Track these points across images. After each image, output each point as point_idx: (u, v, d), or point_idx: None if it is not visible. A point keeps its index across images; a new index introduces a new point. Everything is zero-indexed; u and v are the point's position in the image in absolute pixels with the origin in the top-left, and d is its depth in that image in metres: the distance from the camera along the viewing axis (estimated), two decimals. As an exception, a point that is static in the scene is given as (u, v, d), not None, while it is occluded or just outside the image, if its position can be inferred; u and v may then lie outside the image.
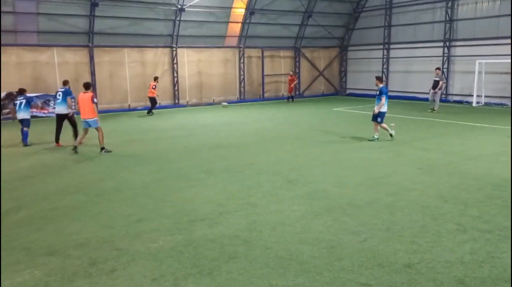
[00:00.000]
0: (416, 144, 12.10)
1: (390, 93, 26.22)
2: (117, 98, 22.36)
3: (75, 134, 12.88)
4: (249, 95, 26.83)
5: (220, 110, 22.36)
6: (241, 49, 25.97)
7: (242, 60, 26.14)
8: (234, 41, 25.86)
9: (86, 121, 11.49)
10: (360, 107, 21.79)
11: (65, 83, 13.41)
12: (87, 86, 11.59)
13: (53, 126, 13.17)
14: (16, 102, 13.56)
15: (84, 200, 7.55)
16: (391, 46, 26.54)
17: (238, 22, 25.19)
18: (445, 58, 23.49)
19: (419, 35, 24.89)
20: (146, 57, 23.01)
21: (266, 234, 5.85)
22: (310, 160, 10.31)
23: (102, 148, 11.52)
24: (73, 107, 13.49)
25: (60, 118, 12.83)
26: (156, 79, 20.66)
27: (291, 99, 25.81)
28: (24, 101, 13.37)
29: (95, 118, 11.46)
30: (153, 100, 20.42)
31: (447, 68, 23.49)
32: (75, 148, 11.63)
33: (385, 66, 26.82)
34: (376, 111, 12.41)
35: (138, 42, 22.52)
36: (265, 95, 27.35)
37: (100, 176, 9.18)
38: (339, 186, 8.09)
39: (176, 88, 24.04)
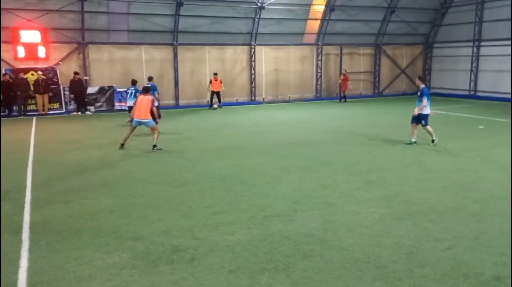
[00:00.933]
0: (507, 149, 11.17)
1: (479, 93, 24.72)
2: (196, 94, 23.20)
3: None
4: (325, 93, 26.48)
5: (295, 107, 22.32)
6: (319, 46, 25.68)
7: (319, 58, 25.86)
8: (312, 38, 25.64)
9: (140, 121, 11.61)
10: (445, 108, 20.56)
11: (150, 79, 14.68)
12: (147, 90, 11.91)
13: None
14: (127, 91, 15.79)
15: (166, 190, 7.95)
16: (482, 43, 24.70)
17: (317, 19, 24.93)
18: (545, 56, 21.40)
19: (515, 31, 22.88)
20: (225, 55, 23.62)
21: (342, 235, 5.76)
22: (389, 162, 9.95)
23: (154, 146, 11.51)
24: (159, 101, 14.85)
25: None
26: (215, 74, 21.54)
27: (343, 100, 24.46)
28: (134, 91, 15.16)
29: (151, 119, 11.69)
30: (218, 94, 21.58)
31: (547, 67, 21.38)
32: (122, 145, 11.73)
33: (474, 65, 25.05)
34: (416, 112, 11.67)
35: (218, 40, 23.17)
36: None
37: (181, 168, 9.60)
38: (421, 190, 7.72)
39: (253, 85, 24.40)
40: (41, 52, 19.32)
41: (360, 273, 4.69)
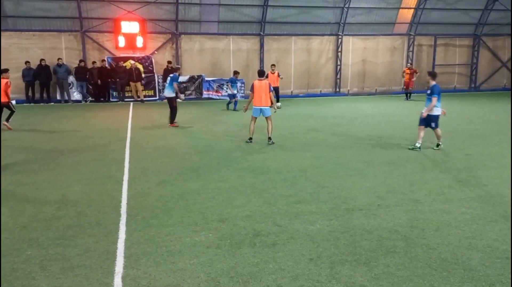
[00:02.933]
0: None
1: None
2: (280, 85, 23.29)
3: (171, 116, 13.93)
4: (416, 86, 25.19)
5: (382, 100, 21.57)
6: (411, 36, 24.47)
7: (411, 49, 24.65)
8: (404, 28, 24.52)
9: (260, 109, 11.06)
10: (553, 105, 18.59)
11: (176, 69, 15.01)
12: (261, 74, 11.27)
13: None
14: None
15: (250, 176, 8.18)
16: None
17: (410, 8, 23.75)
18: None
19: None
20: (311, 45, 23.48)
21: (429, 233, 5.53)
22: (485, 161, 9.28)
23: (270, 138, 11.18)
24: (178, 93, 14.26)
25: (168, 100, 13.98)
26: (273, 66, 19.33)
27: (407, 96, 22.29)
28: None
29: (270, 107, 11.15)
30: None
31: None
32: (250, 139, 11.29)
33: None
34: (424, 114, 10.33)
35: (305, 30, 23.08)
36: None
37: (265, 157, 9.80)
38: (520, 192, 7.12)
39: (338, 76, 23.99)
40: (139, 42, 20.71)
41: (446, 274, 4.49)
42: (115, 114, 16.73)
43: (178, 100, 21.12)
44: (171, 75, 14.12)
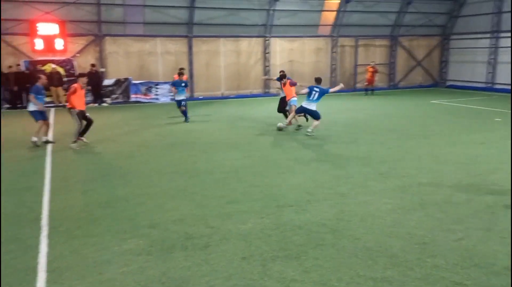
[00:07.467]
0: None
1: (497, 86, 24.20)
2: (211, 86, 23.27)
3: None
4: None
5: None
6: (334, 38, 25.50)
7: (334, 50, 25.68)
8: (327, 30, 25.47)
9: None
10: (462, 100, 20.32)
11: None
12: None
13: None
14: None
15: (181, 180, 8.07)
16: (501, 35, 24.19)
17: (332, 11, 24.74)
18: None
19: (535, 21, 22.38)
20: (240, 47, 23.62)
21: (354, 224, 5.80)
22: (404, 154, 9.91)
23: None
24: None
25: None
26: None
27: (370, 92, 24.13)
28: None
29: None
30: None
31: None
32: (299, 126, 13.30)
33: (492, 57, 24.58)
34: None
35: (233, 32, 23.16)
36: (357, 85, 26.62)
37: (194, 159, 9.71)
38: (434, 181, 7.69)
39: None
40: (59, 44, 19.59)
41: (371, 262, 4.74)
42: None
43: (104, 104, 20.38)
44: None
